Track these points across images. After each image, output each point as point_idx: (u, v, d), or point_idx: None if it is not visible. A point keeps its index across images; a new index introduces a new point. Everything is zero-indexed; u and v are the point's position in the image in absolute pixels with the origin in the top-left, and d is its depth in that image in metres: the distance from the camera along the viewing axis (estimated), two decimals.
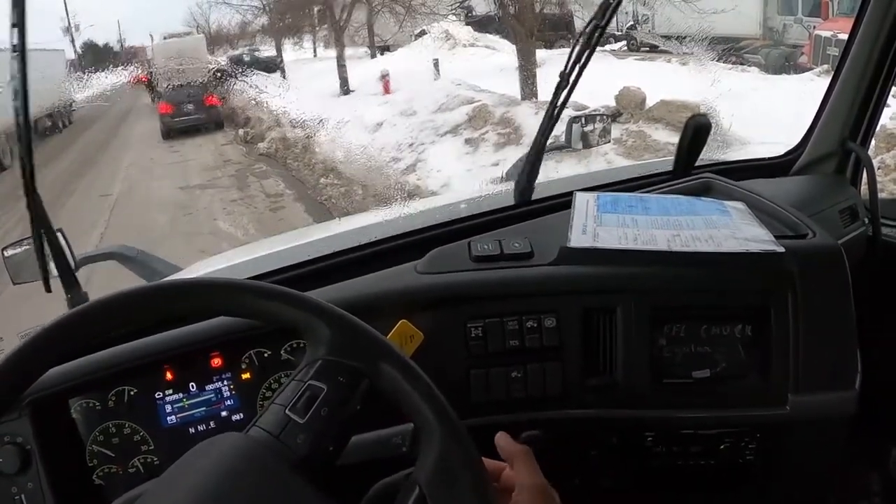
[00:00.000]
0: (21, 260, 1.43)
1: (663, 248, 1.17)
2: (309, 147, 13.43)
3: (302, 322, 0.75)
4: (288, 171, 12.35)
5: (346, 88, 20.23)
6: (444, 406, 0.72)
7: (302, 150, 13.41)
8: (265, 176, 12.35)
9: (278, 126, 15.54)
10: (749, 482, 1.23)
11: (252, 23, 35.60)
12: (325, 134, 13.80)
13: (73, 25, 37.12)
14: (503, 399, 1.15)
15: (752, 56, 16.25)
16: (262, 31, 34.50)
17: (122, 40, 48.02)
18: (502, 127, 10.39)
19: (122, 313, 0.75)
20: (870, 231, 1.73)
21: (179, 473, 0.70)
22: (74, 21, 33.73)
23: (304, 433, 0.69)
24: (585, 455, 1.17)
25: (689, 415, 1.17)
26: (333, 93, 20.05)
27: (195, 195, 11.63)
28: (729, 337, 1.17)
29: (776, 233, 1.24)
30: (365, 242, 1.41)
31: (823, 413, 1.16)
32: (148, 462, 1.13)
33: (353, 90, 19.85)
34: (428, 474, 0.69)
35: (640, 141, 8.99)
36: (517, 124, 10.18)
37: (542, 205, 1.50)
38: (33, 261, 1.35)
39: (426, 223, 1.47)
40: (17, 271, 1.44)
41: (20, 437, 1.04)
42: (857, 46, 1.67)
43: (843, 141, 1.77)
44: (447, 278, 1.20)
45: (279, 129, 15.14)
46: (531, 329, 1.14)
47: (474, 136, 10.57)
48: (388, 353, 0.74)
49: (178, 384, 1.14)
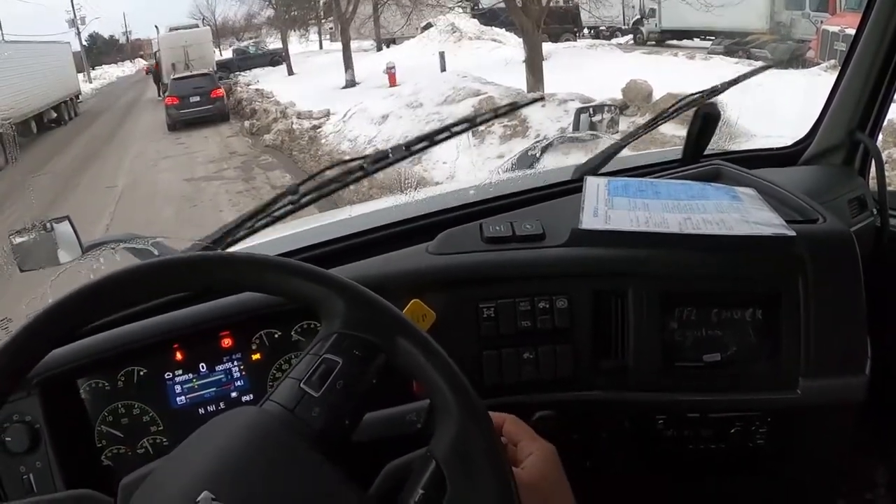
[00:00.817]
0: (29, 247, 1.43)
1: (675, 231, 1.17)
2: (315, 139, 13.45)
3: (317, 296, 0.74)
4: (294, 163, 12.36)
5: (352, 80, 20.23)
6: (462, 381, 0.71)
7: (308, 141, 13.43)
8: (271, 167, 12.36)
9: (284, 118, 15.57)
10: (759, 467, 1.23)
11: (258, 15, 35.59)
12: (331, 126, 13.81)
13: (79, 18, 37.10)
14: (515, 381, 1.15)
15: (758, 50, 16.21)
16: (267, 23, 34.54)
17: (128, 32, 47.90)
18: (508, 119, 10.35)
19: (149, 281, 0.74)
20: (878, 222, 1.72)
21: (192, 448, 0.69)
22: (80, 14, 33.78)
23: (318, 406, 0.68)
24: (596, 438, 1.17)
25: (700, 398, 1.17)
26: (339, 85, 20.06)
27: (201, 187, 11.64)
28: (740, 321, 1.16)
29: (787, 218, 1.23)
30: (376, 226, 1.41)
31: (834, 398, 1.16)
32: (157, 443, 1.13)
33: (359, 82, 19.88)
34: (445, 450, 0.68)
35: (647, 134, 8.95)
36: (523, 117, 10.14)
37: (552, 190, 1.50)
38: (42, 248, 1.35)
39: (437, 207, 1.47)
40: (25, 258, 1.44)
41: (29, 416, 1.04)
42: (867, 37, 1.66)
43: (852, 132, 1.76)
44: (459, 259, 1.20)
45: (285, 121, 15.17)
46: (543, 310, 1.14)
47: (480, 129, 10.53)
48: (404, 328, 0.73)
49: (187, 365, 1.14)
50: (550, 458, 0.86)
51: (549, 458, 0.86)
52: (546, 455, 0.86)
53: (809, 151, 1.83)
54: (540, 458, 0.85)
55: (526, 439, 0.88)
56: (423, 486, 0.67)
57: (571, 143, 2.03)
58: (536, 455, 0.85)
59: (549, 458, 0.86)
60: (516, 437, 0.89)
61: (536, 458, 0.85)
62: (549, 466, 0.85)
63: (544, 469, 0.84)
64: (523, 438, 0.88)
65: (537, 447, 0.87)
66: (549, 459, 0.86)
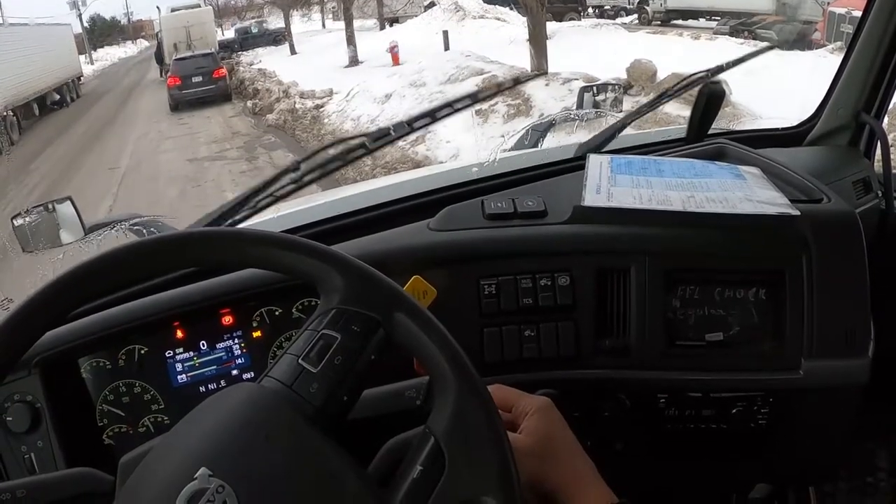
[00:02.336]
0: (32, 228, 1.43)
1: (678, 209, 1.16)
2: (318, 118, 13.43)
3: (315, 271, 0.74)
4: (297, 143, 12.36)
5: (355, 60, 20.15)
6: (461, 356, 0.70)
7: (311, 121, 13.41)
8: (274, 147, 12.36)
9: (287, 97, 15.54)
10: (760, 448, 1.23)
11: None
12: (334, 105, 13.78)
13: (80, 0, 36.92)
14: (516, 358, 1.15)
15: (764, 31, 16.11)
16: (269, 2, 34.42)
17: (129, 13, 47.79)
18: (512, 98, 10.32)
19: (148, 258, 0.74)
20: (883, 204, 1.70)
21: (190, 425, 0.69)
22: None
23: (317, 382, 0.68)
24: (597, 416, 1.17)
25: (702, 377, 1.16)
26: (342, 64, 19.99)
27: (204, 167, 11.66)
28: (743, 300, 1.15)
29: (791, 198, 1.22)
30: (378, 203, 1.40)
31: (836, 380, 1.15)
32: (158, 421, 1.13)
33: (362, 61, 19.81)
34: (444, 425, 0.68)
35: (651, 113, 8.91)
36: (527, 96, 10.11)
37: (555, 167, 1.49)
38: (43, 229, 1.35)
39: (440, 184, 1.46)
40: (28, 239, 1.44)
41: (30, 396, 1.05)
42: (873, 18, 1.64)
43: (857, 113, 1.74)
44: (460, 235, 1.20)
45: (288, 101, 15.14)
46: (544, 287, 1.14)
47: (483, 108, 10.50)
48: (403, 302, 0.73)
49: (188, 343, 1.14)
50: (547, 412, 0.86)
51: (546, 414, 0.86)
52: (543, 411, 0.86)
53: (814, 132, 1.81)
54: (537, 417, 0.85)
55: (517, 400, 0.88)
56: (421, 463, 0.66)
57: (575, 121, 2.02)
58: (534, 416, 0.85)
59: (546, 414, 0.86)
60: (507, 401, 0.88)
61: (534, 419, 0.85)
62: (547, 423, 0.85)
63: (542, 428, 0.84)
64: (514, 400, 0.88)
65: (532, 404, 0.87)
66: (546, 415, 0.86)
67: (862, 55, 1.68)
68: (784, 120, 1.93)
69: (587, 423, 1.17)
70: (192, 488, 0.60)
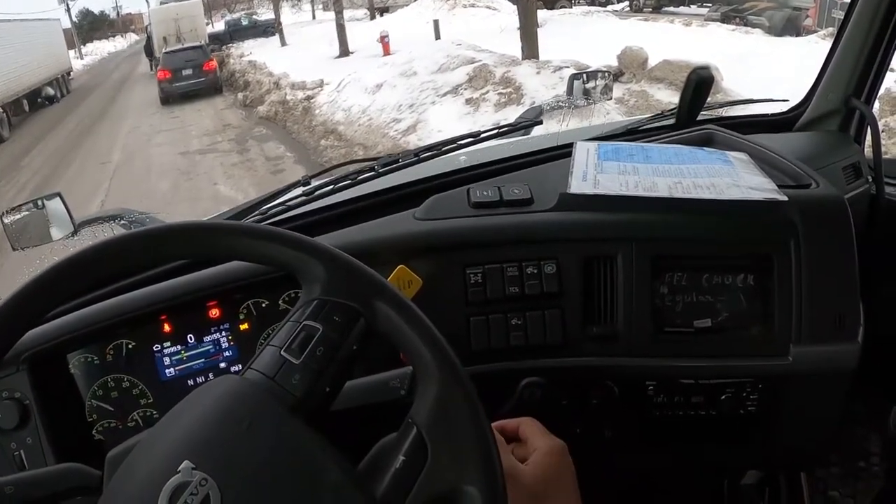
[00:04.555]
0: (21, 225, 1.42)
1: (664, 195, 1.16)
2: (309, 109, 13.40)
3: (296, 262, 0.74)
4: (288, 134, 12.35)
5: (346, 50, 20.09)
6: (442, 345, 0.70)
7: (302, 112, 13.37)
8: (265, 139, 12.34)
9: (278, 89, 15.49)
10: (749, 434, 1.23)
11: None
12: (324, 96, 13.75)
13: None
14: (503, 346, 1.14)
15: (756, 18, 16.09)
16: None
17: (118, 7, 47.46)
18: (503, 87, 10.31)
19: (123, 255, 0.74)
20: (873, 189, 1.70)
21: (175, 419, 0.69)
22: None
23: (299, 373, 0.68)
24: (586, 404, 1.17)
25: (690, 364, 1.16)
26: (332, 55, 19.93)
27: (195, 160, 11.63)
28: (731, 286, 1.15)
29: (779, 183, 1.21)
30: (365, 193, 1.39)
31: (826, 365, 1.15)
32: (147, 415, 1.13)
33: (353, 52, 19.74)
34: (426, 415, 0.67)
35: (643, 101, 8.93)
36: (518, 84, 10.10)
37: (541, 155, 1.48)
38: (34, 226, 1.34)
39: (425, 174, 1.46)
40: (18, 237, 1.43)
41: (18, 393, 1.04)
42: (863, 2, 1.63)
43: (847, 98, 1.73)
44: (446, 224, 1.19)
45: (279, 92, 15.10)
46: (531, 275, 1.13)
47: (475, 97, 10.49)
48: (383, 292, 0.72)
49: (175, 336, 1.14)
50: (556, 452, 0.86)
51: (554, 453, 0.86)
52: (552, 450, 0.86)
53: (804, 118, 1.80)
54: (549, 456, 0.85)
55: (537, 436, 0.89)
56: (403, 454, 0.66)
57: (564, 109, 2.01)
58: (546, 454, 0.85)
59: (555, 453, 0.86)
60: (530, 435, 0.89)
61: (545, 457, 0.85)
62: (556, 466, 0.85)
63: (550, 468, 0.84)
64: (534, 436, 0.89)
65: (544, 443, 0.87)
66: (554, 454, 0.86)
67: (852, 40, 1.67)
68: (774, 106, 1.93)
69: (576, 410, 1.17)
70: (176, 482, 0.60)
